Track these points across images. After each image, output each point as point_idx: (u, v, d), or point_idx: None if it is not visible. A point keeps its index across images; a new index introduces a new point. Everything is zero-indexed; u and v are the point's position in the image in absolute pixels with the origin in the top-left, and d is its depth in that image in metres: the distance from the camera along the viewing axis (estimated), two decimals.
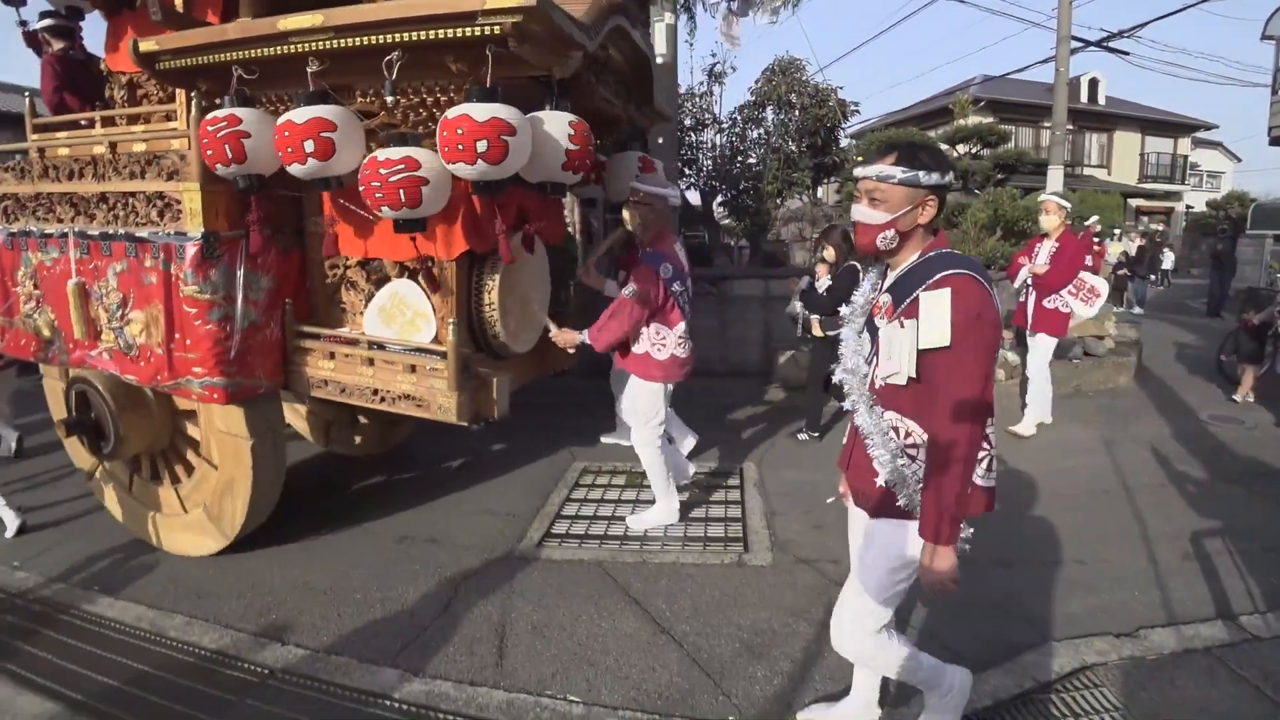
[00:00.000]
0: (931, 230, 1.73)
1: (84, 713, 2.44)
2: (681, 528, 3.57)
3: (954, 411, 1.59)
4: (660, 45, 5.65)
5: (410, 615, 2.88)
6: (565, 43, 2.62)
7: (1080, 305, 4.95)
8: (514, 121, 2.43)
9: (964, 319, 1.57)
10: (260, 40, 2.69)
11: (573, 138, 2.68)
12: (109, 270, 3.26)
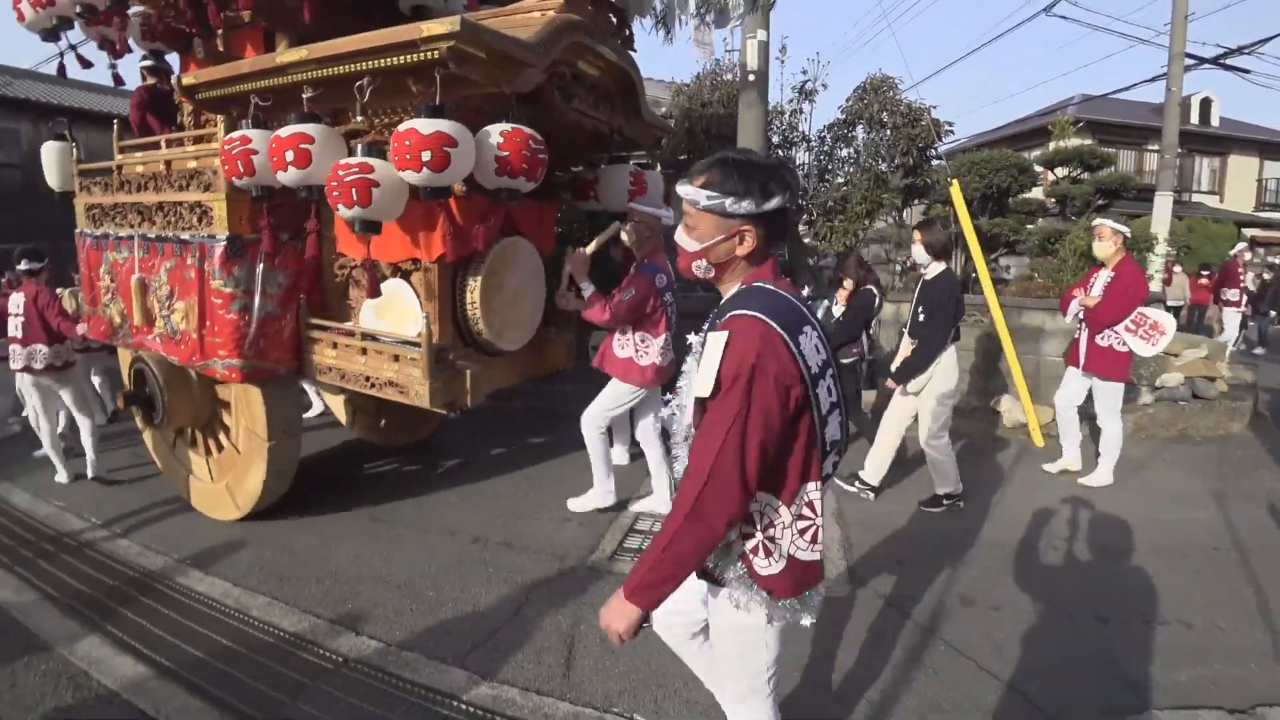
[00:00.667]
0: (760, 260, 1.48)
1: (172, 679, 2.60)
2: None
3: (693, 469, 1.35)
4: (752, 61, 5.61)
5: (481, 617, 2.93)
6: (508, 62, 2.90)
7: (1140, 343, 4.31)
8: (454, 134, 2.74)
9: (734, 368, 1.32)
10: (266, 72, 3.20)
11: (502, 145, 2.91)
12: (161, 267, 3.80)
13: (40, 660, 2.76)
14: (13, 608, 3.19)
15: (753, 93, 5.62)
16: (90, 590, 3.33)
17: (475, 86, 2.92)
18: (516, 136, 2.96)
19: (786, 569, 1.45)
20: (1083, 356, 4.49)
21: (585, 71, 3.56)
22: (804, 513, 1.45)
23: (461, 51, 2.67)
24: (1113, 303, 4.30)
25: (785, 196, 1.41)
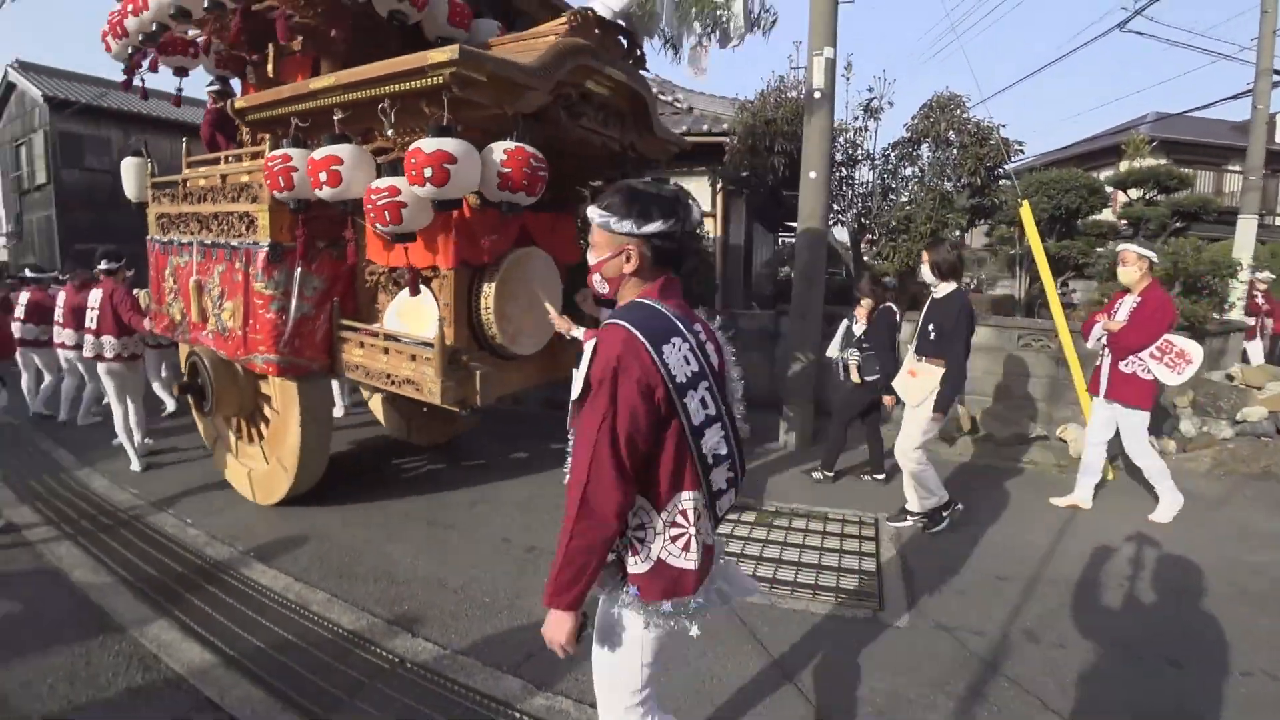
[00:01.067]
0: (648, 279, 1.56)
1: (235, 668, 2.66)
2: (813, 575, 3.42)
3: (575, 470, 1.45)
4: (818, 79, 5.54)
5: (536, 626, 2.90)
6: (509, 85, 3.12)
7: (1165, 371, 4.10)
8: (455, 151, 2.97)
9: (600, 371, 1.44)
10: (302, 97, 3.53)
11: (505, 162, 3.14)
12: (215, 270, 4.21)
13: (114, 641, 2.87)
14: (89, 589, 3.33)
15: (818, 110, 5.55)
16: (161, 576, 3.45)
17: (481, 108, 3.17)
18: (518, 154, 3.18)
19: (654, 571, 1.52)
20: (1104, 383, 4.31)
21: (594, 91, 3.75)
22: (677, 520, 1.52)
23: (463, 76, 2.93)
24: (1138, 328, 4.13)
25: (668, 222, 1.50)
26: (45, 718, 2.39)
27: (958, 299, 3.81)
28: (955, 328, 3.74)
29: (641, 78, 4.07)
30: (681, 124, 8.40)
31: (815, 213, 5.55)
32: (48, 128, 16.47)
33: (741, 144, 7.06)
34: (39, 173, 17.31)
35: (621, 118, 4.07)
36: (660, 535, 1.52)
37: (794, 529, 3.98)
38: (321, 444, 4.26)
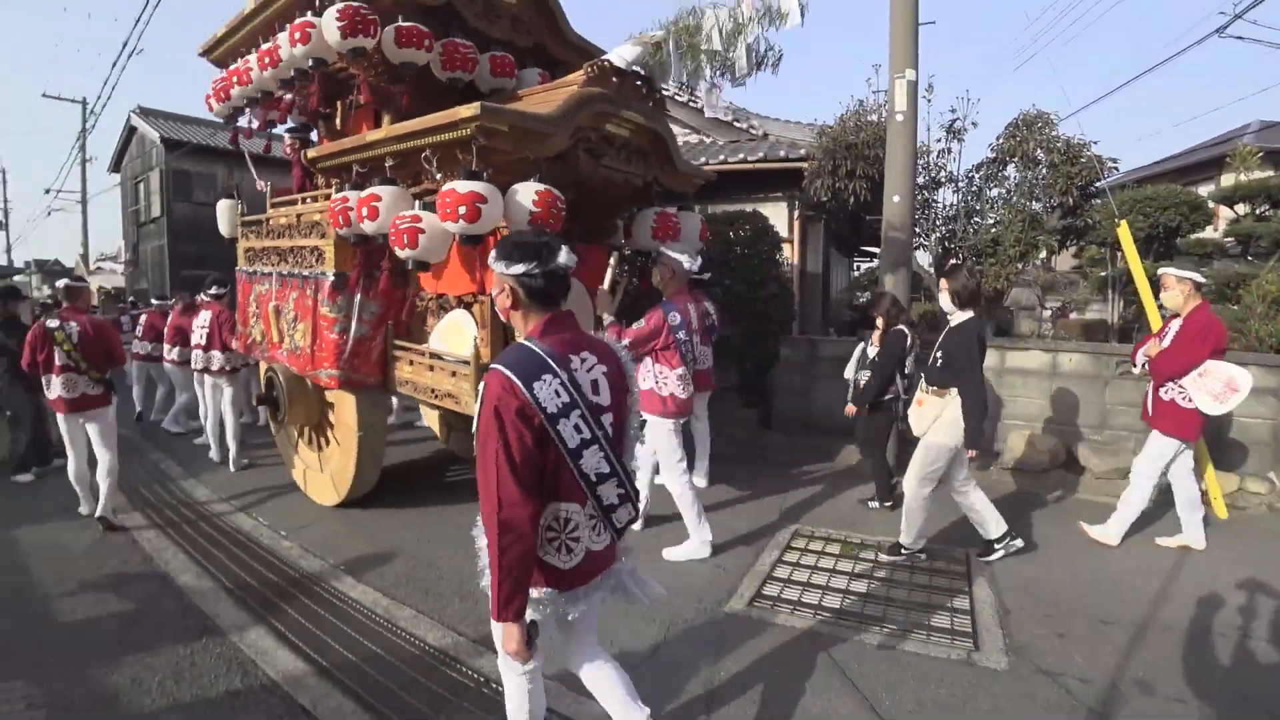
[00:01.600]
0: (532, 315, 1.79)
1: (326, 678, 2.73)
2: (903, 611, 3.26)
3: (485, 499, 1.66)
4: (900, 102, 5.45)
5: (620, 651, 2.87)
6: (530, 133, 3.55)
7: (1206, 399, 3.83)
8: (485, 193, 3.39)
9: (488, 411, 1.65)
10: (360, 148, 4.15)
11: (535, 202, 3.49)
12: (289, 297, 4.76)
13: (216, 644, 3.00)
14: (194, 593, 3.51)
15: (900, 132, 5.45)
16: (258, 585, 3.60)
17: (507, 154, 3.60)
18: (547, 196, 3.55)
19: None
20: (1149, 409, 4.09)
21: (614, 133, 4.10)
22: (552, 525, 1.75)
23: (487, 128, 3.38)
24: (1174, 353, 3.92)
25: (530, 264, 1.72)
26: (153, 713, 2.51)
27: (972, 327, 3.65)
28: (970, 357, 3.57)
29: (661, 118, 4.42)
30: (757, 150, 8.39)
31: (898, 237, 5.42)
32: (163, 166, 18.02)
33: (820, 169, 6.98)
34: (154, 206, 18.92)
35: (644, 155, 4.43)
36: (539, 536, 1.73)
37: (880, 562, 3.82)
38: (376, 449, 4.64)
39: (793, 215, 8.43)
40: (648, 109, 4.27)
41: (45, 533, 4.42)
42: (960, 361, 3.59)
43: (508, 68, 4.73)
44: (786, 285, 7.02)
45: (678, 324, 3.93)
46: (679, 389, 3.93)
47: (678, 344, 3.91)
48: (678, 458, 3.91)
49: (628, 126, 4.14)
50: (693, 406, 4.17)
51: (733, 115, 9.63)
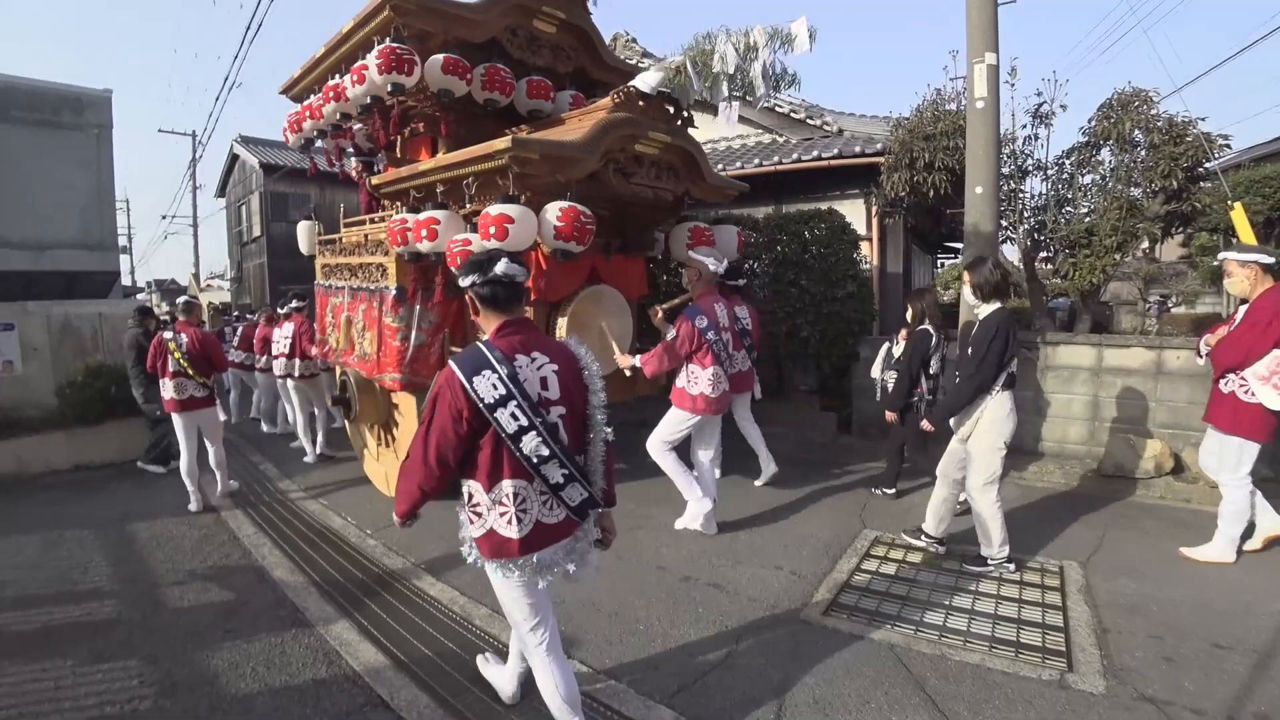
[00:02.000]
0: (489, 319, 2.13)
1: (404, 671, 2.82)
2: (989, 625, 3.07)
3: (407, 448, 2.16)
4: (980, 88, 5.19)
5: (690, 658, 2.85)
6: (560, 160, 3.96)
7: (1270, 393, 3.46)
8: (513, 214, 3.83)
9: (431, 394, 2.06)
10: (415, 175, 4.68)
11: (560, 219, 3.94)
12: (359, 308, 5.20)
13: (304, 635, 3.16)
14: (286, 586, 3.71)
15: (981, 120, 5.19)
16: (344, 580, 3.77)
17: (540, 178, 4.02)
18: (569, 212, 3.96)
19: (486, 535, 2.08)
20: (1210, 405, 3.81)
21: (644, 152, 4.42)
22: (501, 500, 2.05)
23: (519, 158, 3.83)
24: (1233, 342, 3.60)
25: (472, 276, 2.08)
26: (247, 695, 2.67)
27: (994, 318, 3.53)
28: (987, 349, 3.46)
29: (689, 135, 4.68)
30: (832, 147, 8.19)
31: (982, 230, 5.16)
32: (261, 189, 19.38)
33: (897, 163, 6.72)
34: (255, 227, 20.37)
35: (674, 171, 4.70)
36: (491, 510, 2.06)
37: (965, 573, 3.63)
38: None
39: (870, 212, 8.17)
40: (675, 128, 4.57)
41: (160, 526, 4.80)
42: (979, 349, 3.51)
43: (544, 91, 5.18)
44: (865, 284, 6.79)
45: (705, 326, 4.09)
46: (709, 388, 4.11)
47: (709, 344, 4.09)
48: (672, 437, 4.22)
49: (656, 145, 4.45)
50: (726, 404, 4.33)
51: (806, 113, 9.44)
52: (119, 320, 7.81)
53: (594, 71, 5.71)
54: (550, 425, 2.03)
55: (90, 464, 6.75)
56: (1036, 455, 5.69)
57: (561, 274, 4.45)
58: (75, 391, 6.75)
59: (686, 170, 4.75)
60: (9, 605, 3.63)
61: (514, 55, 5.13)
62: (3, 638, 3.28)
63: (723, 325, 4.20)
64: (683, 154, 4.66)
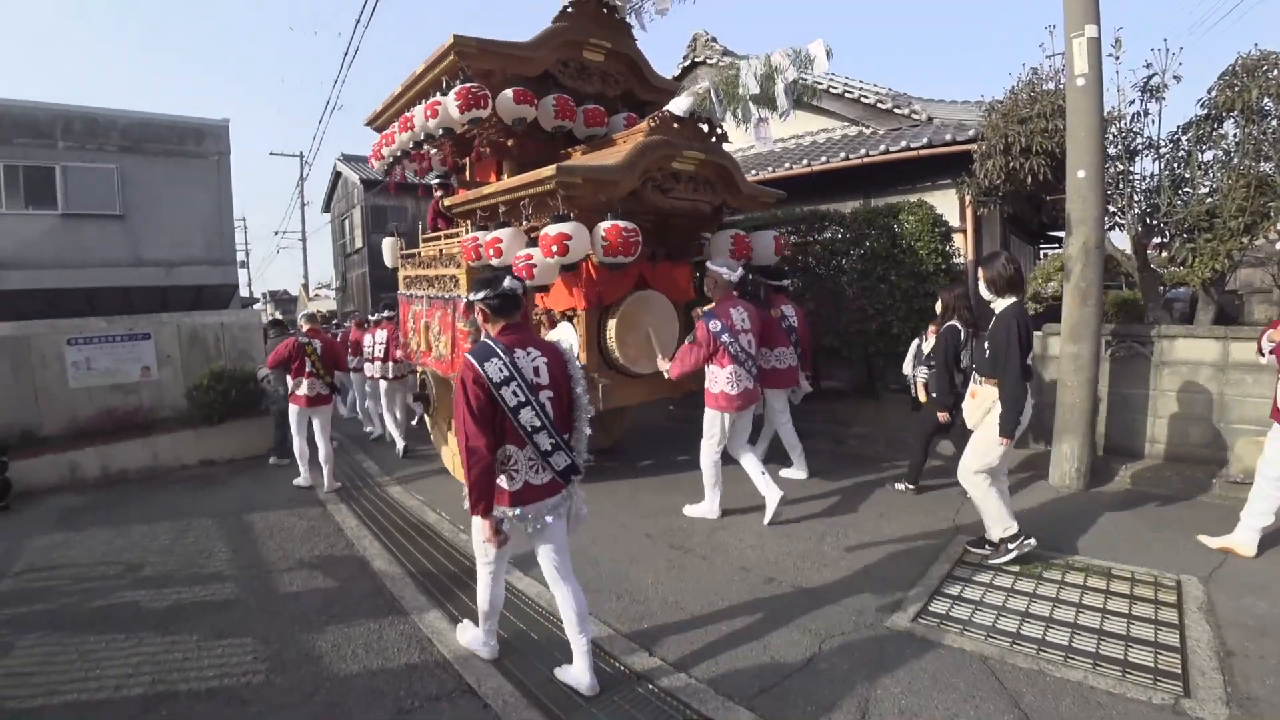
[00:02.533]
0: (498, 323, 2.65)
1: (490, 661, 2.91)
2: (1093, 641, 2.87)
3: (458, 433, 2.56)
4: (1079, 63, 4.83)
5: (771, 660, 2.81)
6: (601, 182, 4.48)
7: None
8: (570, 231, 4.41)
9: (457, 382, 2.54)
10: (481, 198, 5.31)
11: (606, 235, 4.48)
12: (435, 315, 5.85)
13: (399, 623, 3.34)
14: (385, 576, 3.93)
15: (1083, 98, 4.83)
16: (437, 572, 3.96)
17: (585, 198, 4.56)
18: (614, 229, 4.49)
19: None
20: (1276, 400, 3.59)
21: (680, 169, 4.87)
22: (502, 460, 2.56)
23: (564, 183, 4.38)
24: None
25: (486, 291, 2.62)
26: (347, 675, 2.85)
27: (1010, 313, 3.52)
28: (1008, 345, 3.44)
29: (723, 151, 5.12)
30: (920, 136, 7.87)
31: (1087, 216, 4.81)
32: (362, 203, 20.64)
33: (991, 149, 6.37)
34: (357, 239, 21.70)
35: (710, 185, 5.14)
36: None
37: (1069, 583, 3.39)
38: None
39: (964, 202, 7.78)
40: (709, 145, 5.00)
41: (274, 518, 5.20)
42: (999, 348, 3.49)
43: (599, 118, 5.82)
44: (959, 278, 6.48)
45: (719, 329, 4.35)
46: (728, 386, 4.36)
47: (724, 346, 4.35)
48: (716, 440, 4.48)
49: (691, 162, 4.89)
50: (752, 400, 4.49)
51: (893, 102, 9.11)
52: (238, 329, 8.52)
53: (641, 93, 6.18)
54: (540, 405, 2.56)
55: (214, 460, 7.41)
56: (1149, 458, 5.25)
57: (610, 281, 4.92)
58: (201, 394, 7.42)
59: (722, 183, 5.15)
60: (147, 584, 4.04)
61: (566, 85, 5.65)
62: (142, 612, 3.65)
63: (739, 328, 4.41)
64: (717, 168, 5.07)
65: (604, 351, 5.10)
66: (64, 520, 5.58)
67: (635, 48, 5.98)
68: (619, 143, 5.11)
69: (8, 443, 6.64)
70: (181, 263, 12.91)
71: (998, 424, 3.50)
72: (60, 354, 7.42)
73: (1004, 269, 3.55)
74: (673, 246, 5.61)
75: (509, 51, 5.23)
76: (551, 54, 5.49)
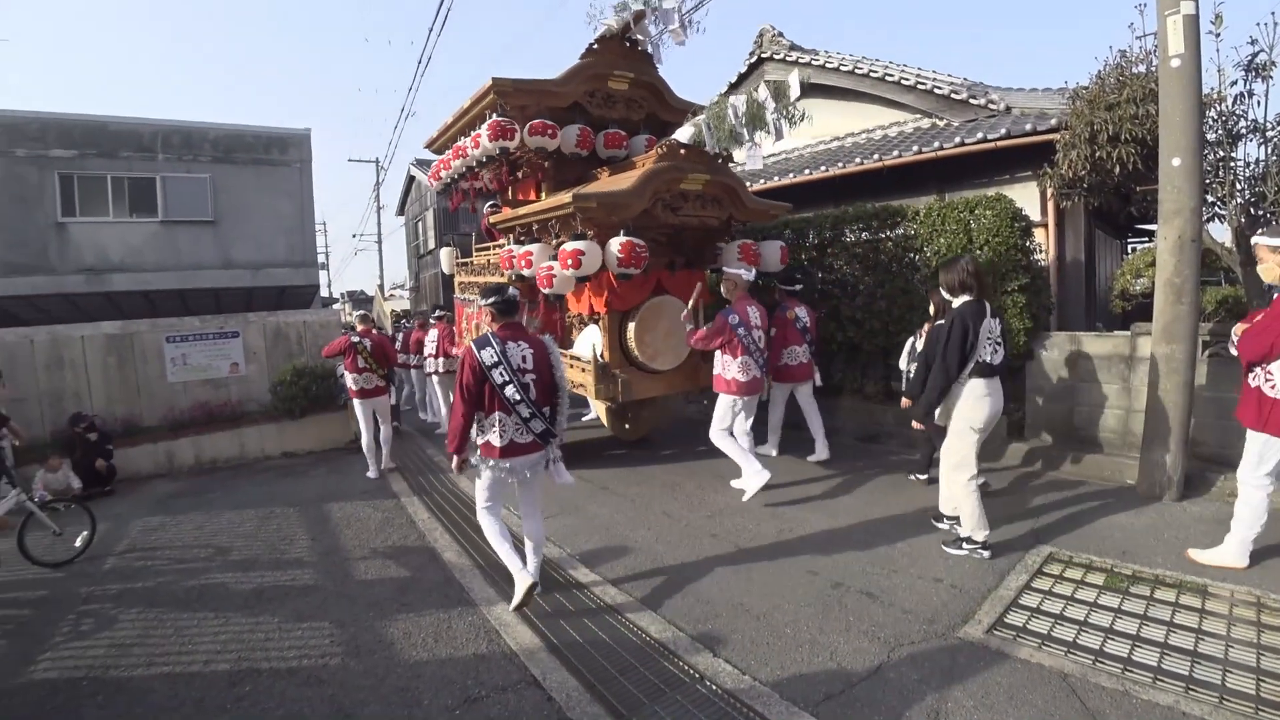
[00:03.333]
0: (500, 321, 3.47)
1: (555, 655, 2.98)
2: (1186, 663, 2.67)
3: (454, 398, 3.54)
4: (1174, 43, 4.49)
5: (838, 666, 2.75)
6: (614, 205, 5.11)
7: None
8: (583, 248, 5.13)
9: (460, 365, 3.39)
10: (517, 218, 6.24)
11: (620, 250, 5.16)
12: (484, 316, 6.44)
13: (468, 614, 3.44)
14: (455, 568, 4.05)
15: (1177, 81, 4.51)
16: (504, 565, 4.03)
17: (601, 220, 5.28)
18: (626, 245, 5.17)
19: (485, 444, 3.42)
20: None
21: (688, 189, 5.51)
22: (493, 423, 3.38)
23: (580, 207, 5.10)
24: (1250, 334, 3.41)
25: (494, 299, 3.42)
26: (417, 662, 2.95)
27: (959, 310, 3.76)
28: (947, 334, 3.73)
29: (727, 170, 5.77)
30: (998, 127, 7.54)
31: (1182, 207, 4.50)
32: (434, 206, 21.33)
33: (1075, 139, 6.03)
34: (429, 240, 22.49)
35: (718, 201, 5.76)
36: (488, 429, 3.39)
37: (1159, 600, 3.18)
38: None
39: (1045, 195, 7.40)
40: (715, 166, 5.61)
41: (351, 508, 5.44)
42: (935, 335, 3.94)
43: (619, 141, 6.64)
44: (1040, 275, 6.17)
45: (736, 323, 4.99)
46: (740, 374, 4.99)
47: (740, 338, 4.98)
48: (727, 423, 5.09)
49: (698, 182, 5.51)
50: (759, 389, 5.14)
51: (968, 92, 8.76)
52: (319, 327, 8.96)
53: (663, 115, 6.86)
54: (524, 384, 3.35)
55: (295, 452, 7.82)
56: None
57: (629, 289, 5.63)
58: (285, 389, 7.84)
59: (729, 199, 5.78)
60: (234, 567, 4.30)
61: (594, 113, 6.48)
62: (230, 593, 3.89)
63: (753, 324, 5.06)
64: (723, 187, 5.69)
65: (625, 350, 5.84)
66: (161, 505, 6.00)
67: (657, 75, 6.64)
68: (638, 165, 5.65)
69: (113, 431, 7.19)
70: (266, 265, 13.66)
71: (975, 416, 3.76)
72: (160, 350, 7.98)
73: (960, 274, 3.79)
74: (688, 256, 6.29)
75: (541, 88, 6.05)
76: (579, 87, 6.24)
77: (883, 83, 9.66)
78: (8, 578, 4.40)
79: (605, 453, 6.74)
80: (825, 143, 10.69)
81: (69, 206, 12.14)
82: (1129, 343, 5.36)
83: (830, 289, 7.08)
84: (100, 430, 6.89)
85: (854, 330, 6.85)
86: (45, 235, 11.98)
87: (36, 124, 11.91)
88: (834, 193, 9.22)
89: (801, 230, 7.34)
